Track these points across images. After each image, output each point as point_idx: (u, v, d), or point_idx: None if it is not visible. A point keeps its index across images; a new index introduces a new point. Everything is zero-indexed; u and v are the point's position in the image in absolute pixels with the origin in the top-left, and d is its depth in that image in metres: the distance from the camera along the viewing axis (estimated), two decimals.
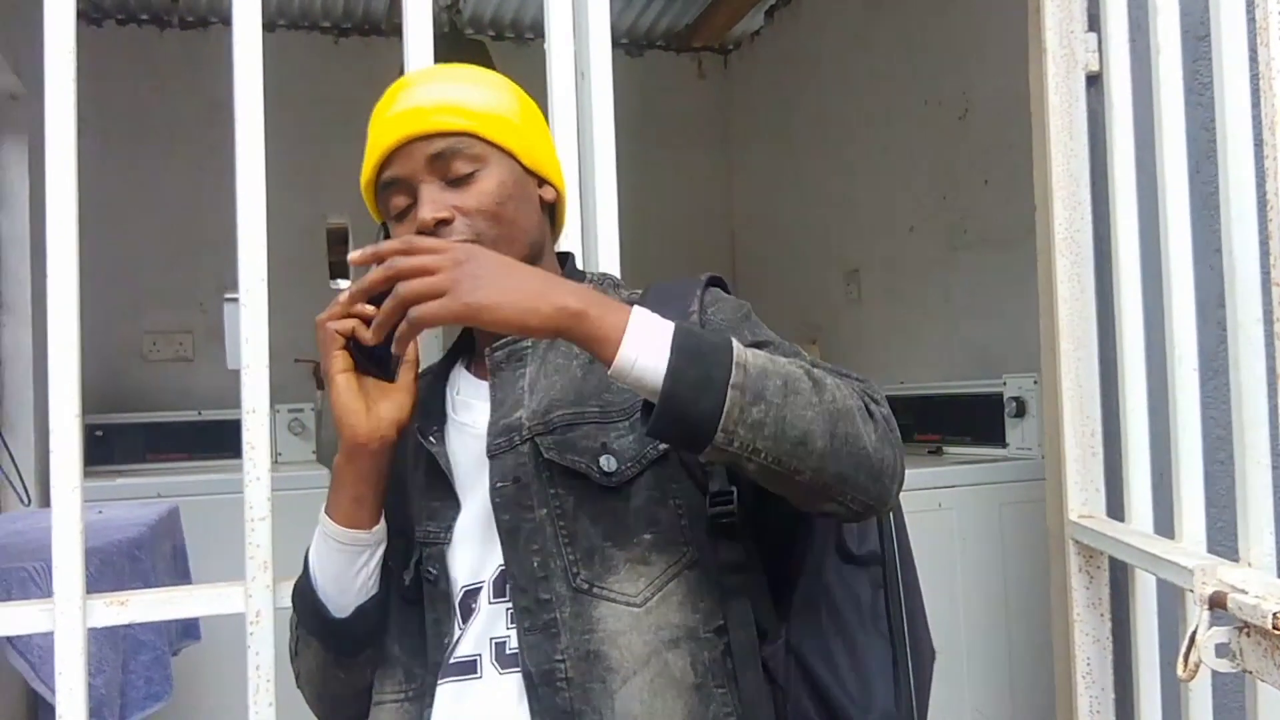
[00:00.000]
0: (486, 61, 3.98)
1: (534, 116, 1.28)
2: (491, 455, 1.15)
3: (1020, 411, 2.88)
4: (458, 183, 1.16)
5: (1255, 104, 1.31)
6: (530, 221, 1.22)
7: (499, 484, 1.14)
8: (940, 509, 2.66)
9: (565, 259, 1.35)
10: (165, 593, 1.51)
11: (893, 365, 3.91)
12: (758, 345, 1.09)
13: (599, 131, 1.69)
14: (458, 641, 1.16)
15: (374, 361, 1.14)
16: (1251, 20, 1.35)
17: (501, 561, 1.13)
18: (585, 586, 1.10)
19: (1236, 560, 1.39)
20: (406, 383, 1.17)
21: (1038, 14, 1.94)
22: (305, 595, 1.21)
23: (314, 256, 4.78)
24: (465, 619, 1.16)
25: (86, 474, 4.06)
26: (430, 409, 1.23)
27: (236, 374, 1.56)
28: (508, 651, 1.12)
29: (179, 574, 2.79)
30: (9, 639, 1.86)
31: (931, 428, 3.30)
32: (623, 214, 1.67)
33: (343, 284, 4.92)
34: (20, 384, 3.52)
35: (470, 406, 1.23)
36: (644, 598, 1.10)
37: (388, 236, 1.21)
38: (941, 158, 3.62)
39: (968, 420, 3.13)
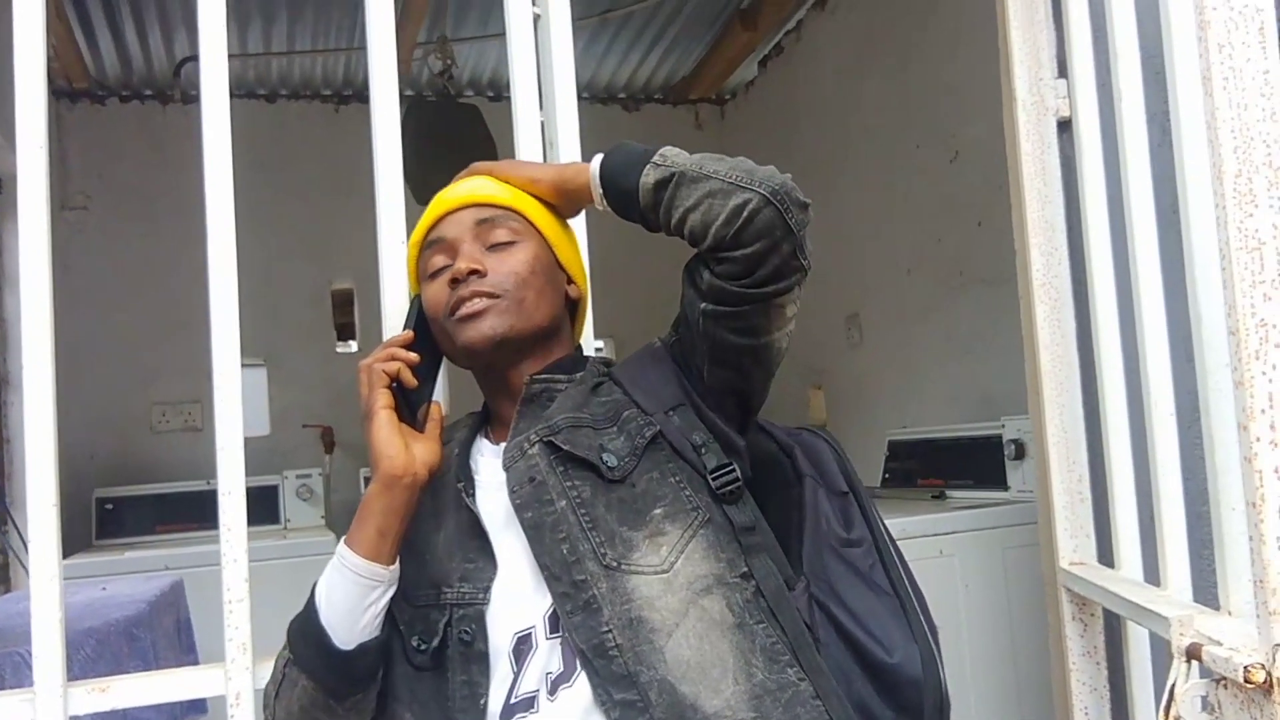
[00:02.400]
0: (480, 124, 4.03)
1: (569, 229, 1.41)
2: (506, 468, 1.23)
3: (1020, 454, 2.86)
4: (496, 248, 1.29)
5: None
6: (553, 302, 1.32)
7: (516, 488, 1.21)
8: (942, 555, 2.64)
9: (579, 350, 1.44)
10: (146, 677, 1.51)
11: (896, 408, 3.90)
12: None
13: None
14: (517, 680, 1.18)
15: (408, 409, 1.23)
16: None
17: (550, 602, 1.17)
18: (614, 565, 1.16)
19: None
20: (434, 434, 1.26)
21: (1008, 61, 1.96)
22: (307, 626, 1.22)
23: (319, 322, 4.84)
24: (520, 661, 1.18)
25: (95, 547, 4.09)
26: (462, 474, 1.30)
27: (247, 441, 1.56)
28: (553, 679, 1.16)
29: (183, 649, 2.79)
30: None
31: (934, 472, 3.28)
32: (624, 266, 1.70)
33: (352, 345, 4.98)
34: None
35: (491, 466, 1.29)
36: (669, 563, 1.16)
37: (420, 307, 1.31)
38: (935, 200, 3.63)
39: (969, 463, 3.11)
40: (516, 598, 1.20)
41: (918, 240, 3.76)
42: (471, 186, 1.33)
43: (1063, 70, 1.90)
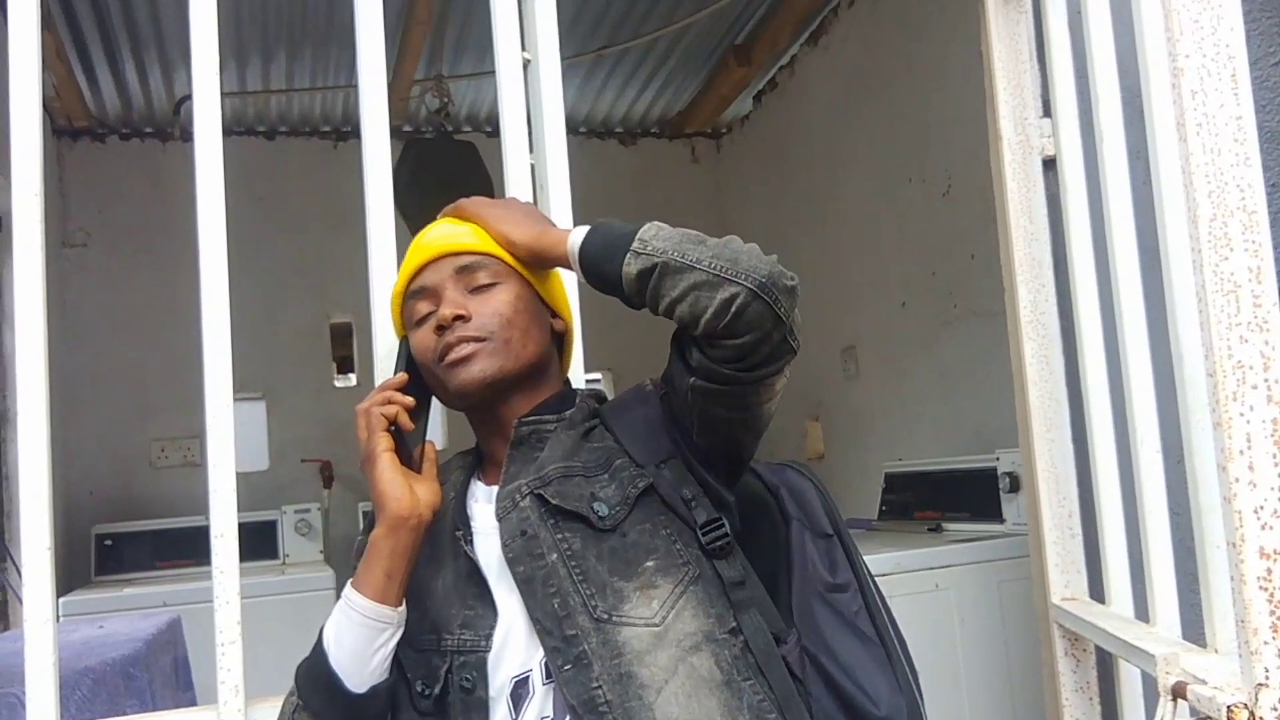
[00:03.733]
0: (476, 160, 4.06)
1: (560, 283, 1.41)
2: (499, 518, 1.23)
3: (1014, 486, 2.86)
4: (478, 291, 1.29)
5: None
6: (538, 339, 1.32)
7: (509, 541, 1.21)
8: (938, 589, 2.64)
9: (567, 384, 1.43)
10: (141, 719, 1.51)
11: (893, 440, 3.91)
12: None
13: (555, 218, 1.72)
14: None
15: (404, 451, 1.25)
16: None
17: (541, 655, 1.18)
18: (605, 617, 1.16)
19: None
20: (432, 474, 1.28)
21: (993, 101, 1.98)
22: (317, 669, 1.22)
23: (318, 356, 4.86)
24: (518, 706, 1.19)
25: (94, 584, 4.09)
26: (460, 521, 1.30)
27: (245, 476, 1.57)
28: None
29: (180, 686, 2.79)
30: None
31: (930, 505, 3.28)
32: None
33: (351, 379, 5.00)
34: None
35: (486, 512, 1.29)
36: (660, 617, 1.17)
37: (408, 349, 1.33)
38: (928, 233, 3.66)
39: (965, 496, 3.11)
40: (515, 644, 1.21)
41: (912, 273, 3.78)
42: (448, 233, 1.33)
43: (1048, 109, 1.92)
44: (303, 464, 4.54)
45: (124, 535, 4.03)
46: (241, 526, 1.57)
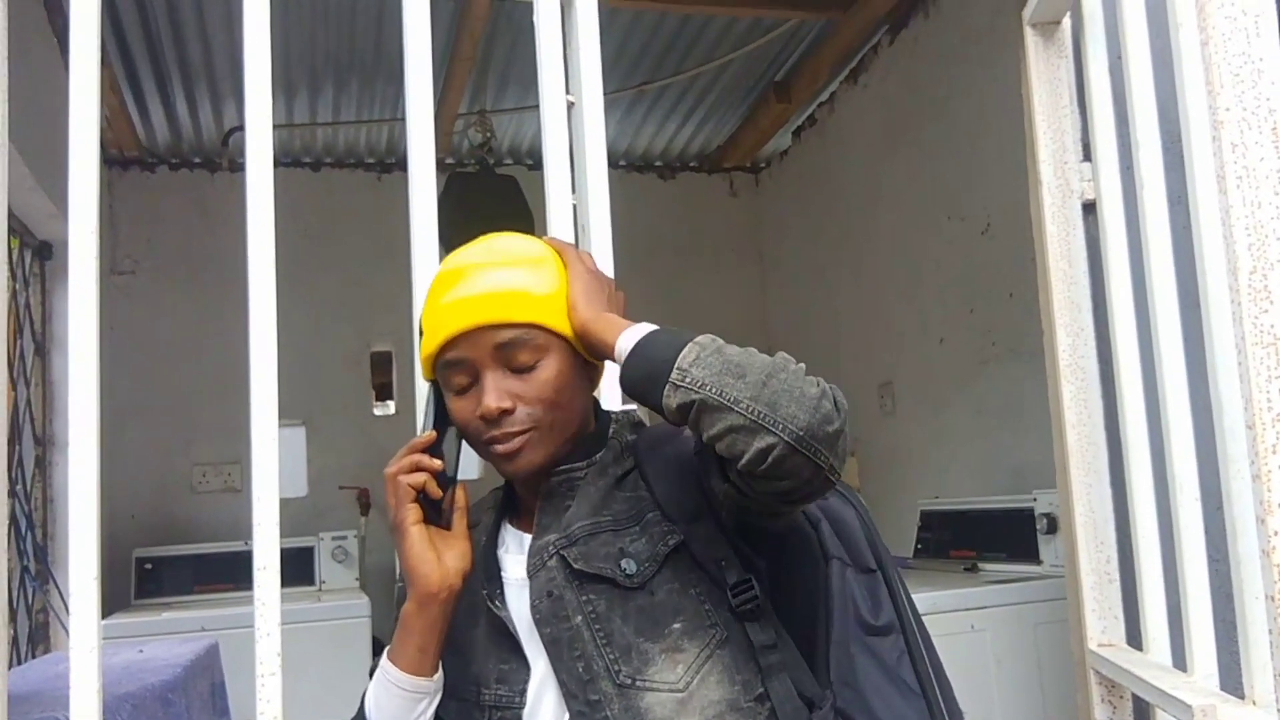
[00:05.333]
0: (517, 195, 4.11)
1: None
2: (529, 575, 1.23)
3: (1052, 528, 2.85)
4: (520, 370, 1.22)
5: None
6: (581, 405, 1.29)
7: (536, 602, 1.21)
8: (973, 630, 2.63)
9: (597, 408, 1.40)
10: None
11: (929, 478, 3.89)
12: None
13: (596, 256, 1.74)
14: None
15: (433, 509, 1.24)
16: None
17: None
18: (629, 681, 1.15)
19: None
20: (462, 530, 1.26)
21: (1033, 145, 1.99)
22: None
23: (358, 385, 4.92)
24: None
25: (134, 607, 4.14)
26: (490, 572, 1.29)
27: (284, 502, 1.60)
28: None
29: (217, 712, 2.81)
30: None
31: (967, 544, 3.26)
32: (654, 309, 1.70)
33: (389, 406, 5.04)
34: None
35: (517, 561, 1.28)
36: (685, 682, 1.15)
37: (439, 396, 1.29)
38: (967, 271, 3.65)
39: (1002, 536, 3.10)
40: (548, 700, 1.21)
41: (950, 310, 3.77)
42: (486, 295, 1.22)
43: (1088, 154, 1.93)
44: (341, 491, 4.58)
45: (164, 559, 4.08)
46: (281, 554, 1.59)
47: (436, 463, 1.23)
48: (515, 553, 1.30)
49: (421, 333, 1.28)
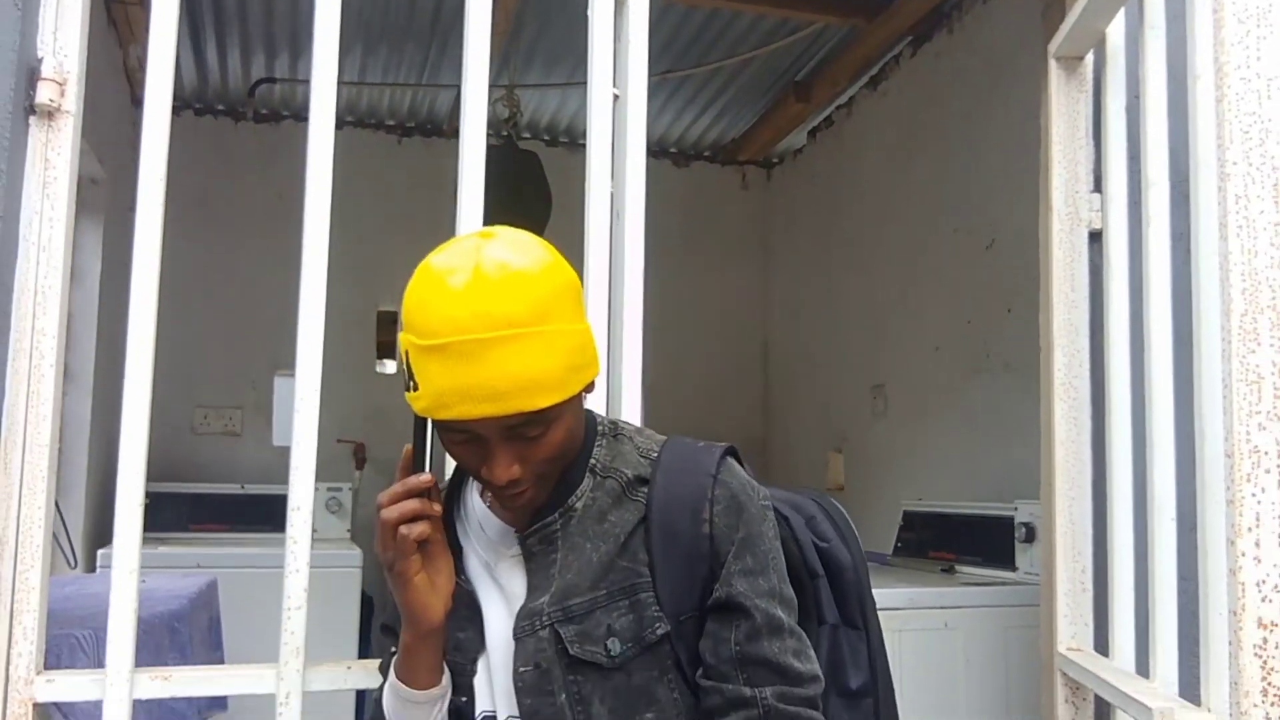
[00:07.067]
0: (538, 170, 4.19)
1: (587, 337, 1.22)
2: (516, 638, 1.23)
3: (1030, 537, 2.96)
4: (527, 441, 1.17)
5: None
6: (580, 432, 1.26)
7: (522, 669, 1.22)
8: (946, 629, 2.74)
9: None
10: (205, 671, 1.65)
11: (914, 479, 4.01)
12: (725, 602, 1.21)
13: (629, 249, 1.84)
14: None
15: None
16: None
17: (511, 709, 1.23)
18: None
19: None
20: (442, 539, 1.24)
21: (1047, 172, 2.09)
22: None
23: (361, 342, 5.00)
24: None
25: None
26: (453, 548, 1.29)
27: (280, 450, 1.70)
28: None
29: (213, 645, 2.92)
30: (57, 703, 1.99)
31: (946, 546, 3.38)
32: (664, 315, 1.78)
33: (389, 365, 5.13)
34: (77, 451, 3.71)
35: (498, 554, 1.29)
36: None
37: (425, 426, 1.24)
38: (967, 284, 3.76)
39: (981, 541, 3.21)
40: (493, 679, 1.26)
41: (948, 320, 3.88)
42: (496, 396, 1.11)
43: (1098, 185, 2.03)
44: (338, 444, 4.67)
45: (162, 495, 4.14)
46: (275, 499, 1.69)
47: (437, 509, 1.21)
48: (496, 540, 1.29)
49: (410, 371, 1.15)
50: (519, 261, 1.14)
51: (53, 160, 1.65)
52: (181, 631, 2.53)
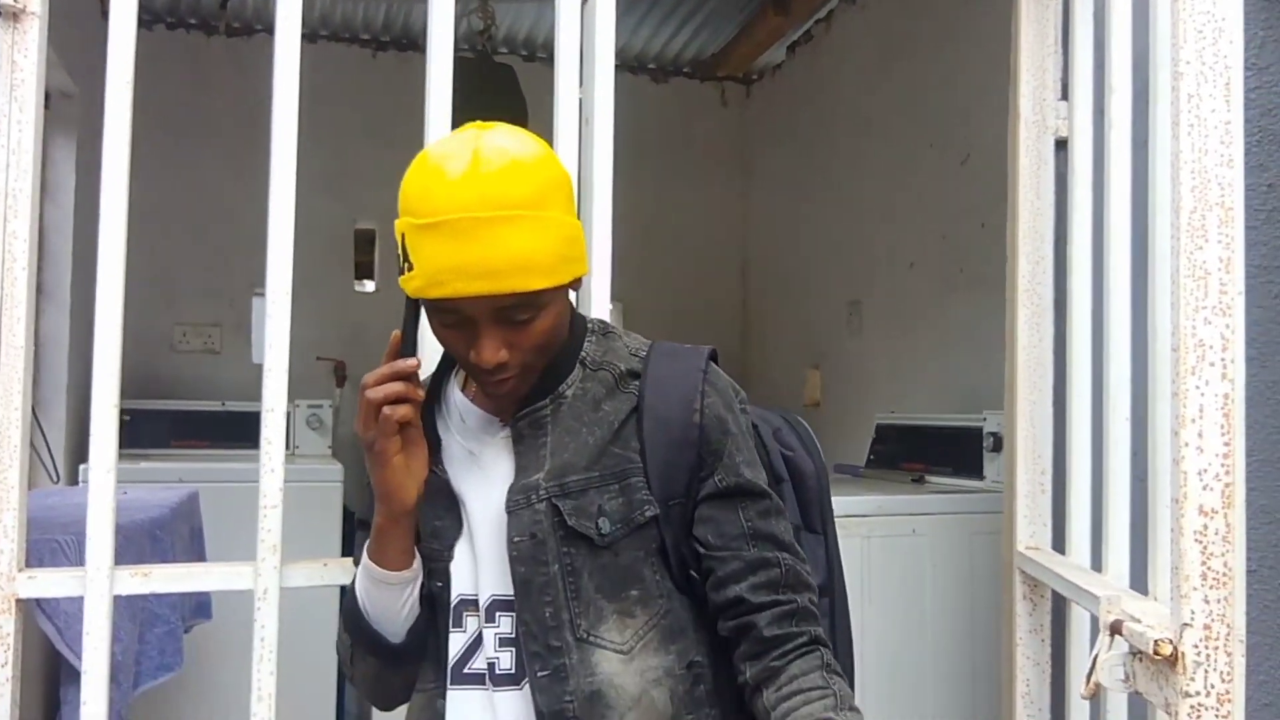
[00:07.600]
0: (513, 84, 4.16)
1: (577, 231, 1.25)
2: (510, 511, 1.27)
3: (997, 446, 3.02)
4: (516, 325, 1.20)
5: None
6: (566, 327, 1.29)
7: (517, 539, 1.26)
8: (914, 535, 2.81)
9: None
10: (184, 568, 1.68)
11: (889, 394, 4.06)
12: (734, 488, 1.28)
13: (599, 154, 1.85)
14: (464, 652, 1.30)
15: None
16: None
17: (495, 589, 1.28)
18: (585, 636, 1.25)
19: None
20: (418, 424, 1.27)
21: (1015, 80, 2.10)
22: (362, 627, 1.33)
23: (338, 258, 5.00)
24: (457, 625, 1.29)
25: None
26: (431, 441, 1.32)
27: (260, 367, 1.73)
28: (498, 672, 1.28)
29: (195, 555, 2.96)
30: (39, 603, 2.03)
31: (917, 457, 3.44)
32: (641, 231, 1.81)
33: (368, 285, 5.13)
34: (55, 368, 3.72)
35: (481, 441, 1.32)
36: (629, 645, 1.26)
37: (416, 313, 1.27)
38: (942, 200, 3.77)
39: (950, 452, 3.27)
40: (469, 563, 1.30)
41: (923, 236, 3.90)
42: (491, 272, 1.14)
43: (1066, 93, 2.04)
44: (318, 361, 4.69)
45: (142, 412, 4.17)
46: (255, 416, 1.73)
47: (421, 393, 1.25)
48: (477, 429, 1.32)
49: (405, 253, 1.18)
50: (518, 149, 1.18)
51: (19, 63, 1.65)
52: (163, 539, 2.58)
